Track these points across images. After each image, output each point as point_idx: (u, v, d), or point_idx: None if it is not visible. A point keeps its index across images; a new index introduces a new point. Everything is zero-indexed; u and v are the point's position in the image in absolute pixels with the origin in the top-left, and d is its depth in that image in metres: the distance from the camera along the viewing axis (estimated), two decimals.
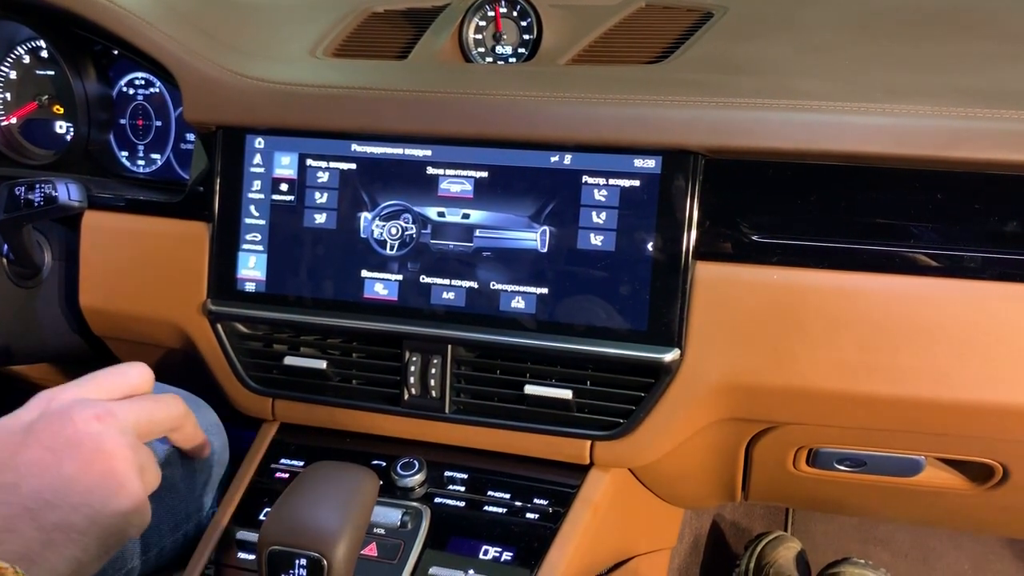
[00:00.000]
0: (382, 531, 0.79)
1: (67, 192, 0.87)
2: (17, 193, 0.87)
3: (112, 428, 0.59)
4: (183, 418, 0.68)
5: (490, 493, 0.84)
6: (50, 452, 0.55)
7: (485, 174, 0.82)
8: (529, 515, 0.82)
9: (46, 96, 1.09)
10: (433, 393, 0.86)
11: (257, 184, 0.89)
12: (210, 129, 0.91)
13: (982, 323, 0.73)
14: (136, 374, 0.67)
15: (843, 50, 0.84)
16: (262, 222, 0.89)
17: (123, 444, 0.58)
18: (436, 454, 0.87)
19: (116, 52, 1.06)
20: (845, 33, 0.87)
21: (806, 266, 0.77)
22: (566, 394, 0.82)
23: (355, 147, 0.86)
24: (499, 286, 0.82)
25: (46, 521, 0.53)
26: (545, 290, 0.81)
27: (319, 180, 0.87)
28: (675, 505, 1.12)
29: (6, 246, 0.94)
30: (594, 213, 0.80)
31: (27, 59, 1.09)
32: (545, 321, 0.81)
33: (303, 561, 0.59)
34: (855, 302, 0.75)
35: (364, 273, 0.86)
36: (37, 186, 0.87)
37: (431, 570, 0.77)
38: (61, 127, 1.10)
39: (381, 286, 0.86)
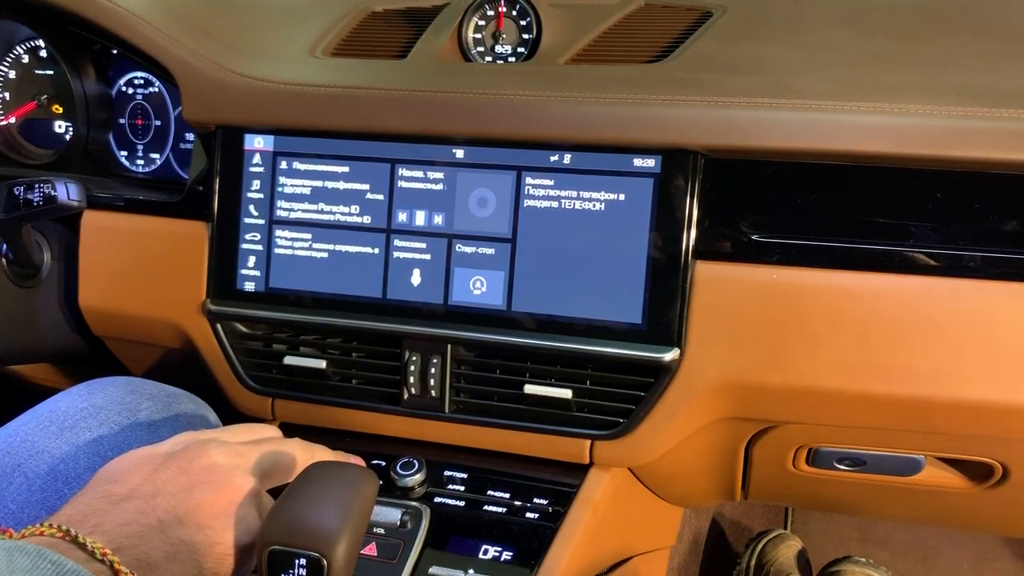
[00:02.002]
0: (382, 531, 0.79)
1: (66, 192, 0.87)
2: (16, 193, 0.87)
3: (242, 465, 0.64)
4: (300, 466, 0.71)
5: (490, 492, 0.84)
6: (185, 475, 0.60)
7: (486, 173, 0.82)
8: (529, 515, 0.82)
9: (45, 96, 1.09)
10: (433, 393, 0.86)
11: (256, 183, 0.89)
12: (209, 128, 0.91)
13: (981, 322, 0.73)
14: (267, 429, 0.72)
15: (842, 49, 0.84)
16: (261, 221, 0.89)
17: (249, 480, 0.63)
18: (436, 454, 0.87)
19: (115, 52, 1.06)
20: (844, 32, 0.87)
21: (806, 265, 0.77)
22: (566, 394, 0.82)
23: (354, 146, 0.86)
24: (498, 285, 0.82)
25: (173, 536, 0.57)
26: (545, 289, 0.81)
27: (318, 179, 0.87)
28: (675, 504, 1.12)
29: (5, 246, 0.94)
30: (594, 212, 0.80)
31: (26, 59, 1.09)
32: (544, 321, 0.81)
33: (303, 561, 0.59)
34: (855, 301, 0.75)
35: (364, 272, 0.86)
36: (36, 186, 0.87)
37: (431, 569, 0.77)
38: (60, 127, 1.10)
39: (381, 285, 0.85)
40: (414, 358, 0.86)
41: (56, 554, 0.51)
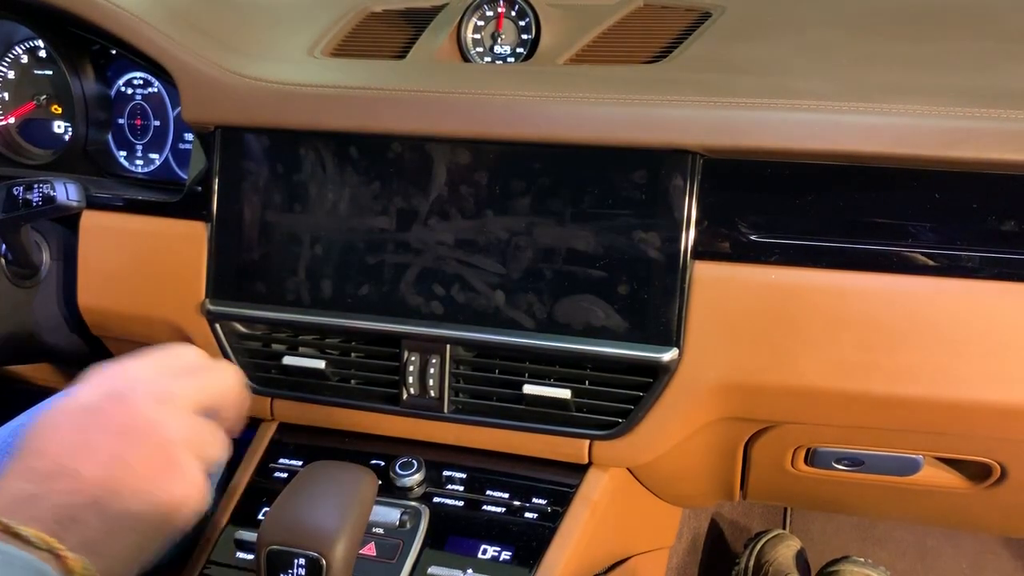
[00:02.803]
0: (381, 530, 0.79)
1: (65, 192, 0.87)
2: (15, 193, 0.87)
3: (172, 411, 0.58)
4: (239, 392, 0.66)
5: (489, 492, 0.84)
6: (111, 436, 0.55)
7: (483, 173, 0.82)
8: (528, 514, 0.82)
9: (44, 96, 1.09)
10: (432, 393, 0.86)
11: (255, 184, 0.89)
12: (208, 129, 0.91)
13: (980, 322, 0.73)
14: (189, 351, 0.65)
15: (841, 49, 0.84)
16: (260, 221, 0.89)
17: (183, 427, 0.58)
18: (435, 453, 0.87)
19: (114, 52, 1.06)
20: (843, 32, 0.87)
21: (804, 265, 0.77)
22: (565, 394, 0.82)
23: (353, 147, 0.86)
24: (497, 285, 0.82)
25: (110, 510, 0.53)
26: (543, 289, 0.81)
27: (317, 180, 0.87)
28: (673, 504, 1.12)
29: (4, 246, 0.94)
30: (592, 212, 0.80)
31: (25, 59, 1.09)
32: (543, 321, 0.82)
33: (302, 561, 0.59)
34: (853, 301, 0.75)
35: (362, 272, 0.86)
36: (35, 186, 0.87)
37: (430, 569, 0.77)
38: (59, 127, 1.10)
39: (380, 285, 0.85)
40: (413, 358, 0.86)
41: (6, 545, 0.47)
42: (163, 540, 0.56)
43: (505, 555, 0.78)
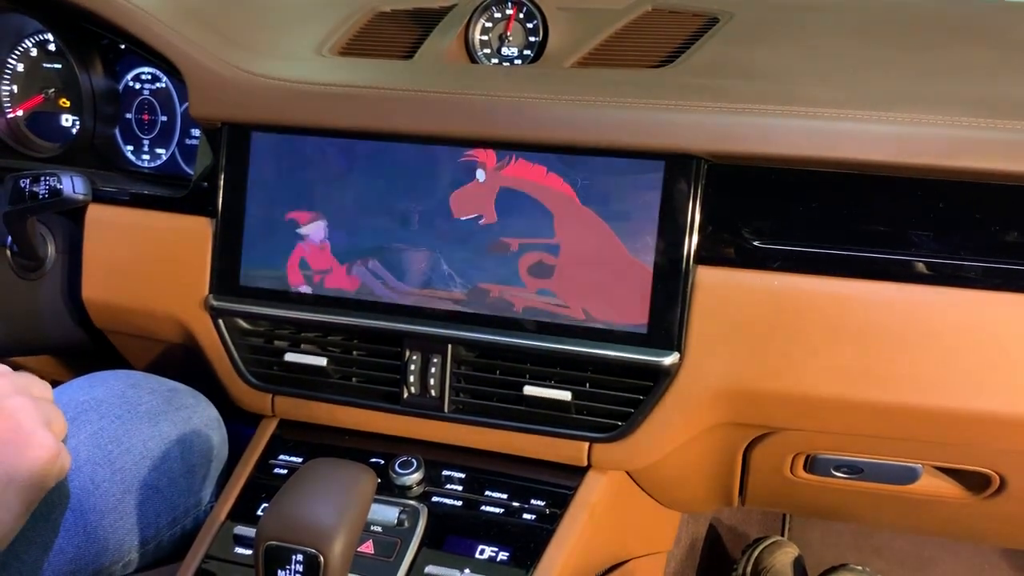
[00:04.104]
0: (379, 529, 0.80)
1: (72, 185, 0.88)
2: (22, 186, 0.88)
3: (7, 388, 0.63)
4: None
5: (487, 493, 0.84)
6: None
7: (487, 175, 0.83)
8: (526, 516, 0.82)
9: (53, 89, 1.10)
10: (432, 392, 0.86)
11: (261, 181, 0.89)
12: (216, 125, 0.91)
13: (980, 332, 0.73)
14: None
15: (847, 57, 0.85)
16: (265, 219, 0.89)
17: (23, 401, 0.63)
18: (434, 453, 0.87)
19: (123, 47, 1.06)
20: (849, 40, 0.87)
21: (806, 272, 0.77)
22: (565, 395, 0.82)
23: (359, 146, 0.86)
24: (500, 287, 0.83)
25: None
26: (546, 291, 0.82)
27: (322, 178, 0.87)
28: (672, 509, 1.12)
29: (10, 238, 0.94)
30: (596, 216, 0.80)
31: (34, 52, 1.10)
32: (545, 322, 0.82)
33: (300, 557, 0.60)
34: (854, 309, 0.75)
35: (365, 271, 0.86)
36: (42, 179, 0.87)
37: (427, 568, 0.77)
38: (67, 120, 1.10)
39: (382, 284, 0.86)
40: (414, 357, 0.86)
41: None
42: (28, 506, 0.62)
43: (503, 556, 0.78)
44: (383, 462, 0.86)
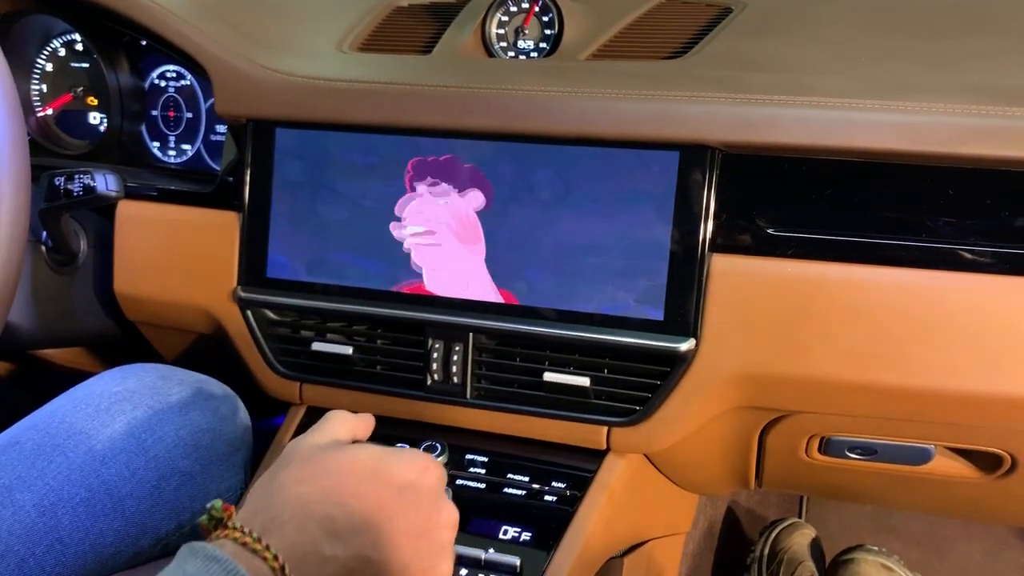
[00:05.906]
0: None
1: (105, 183, 0.90)
2: (57, 183, 0.90)
3: (448, 520, 0.63)
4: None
5: (510, 476, 0.86)
6: (407, 539, 0.59)
7: (507, 166, 0.84)
8: (547, 497, 0.84)
9: (81, 88, 1.12)
10: (455, 379, 0.88)
11: (286, 175, 0.91)
12: (240, 122, 0.93)
13: (992, 316, 0.74)
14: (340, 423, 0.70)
15: (859, 47, 0.85)
16: (290, 212, 0.91)
17: (451, 513, 0.63)
18: (457, 438, 0.90)
19: (148, 45, 1.08)
20: (861, 29, 0.88)
21: (820, 259, 0.78)
22: (584, 381, 0.84)
23: (381, 140, 0.88)
24: (520, 276, 0.84)
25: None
26: (564, 280, 0.83)
27: (345, 173, 0.89)
28: (690, 491, 1.14)
29: (45, 233, 0.97)
30: (613, 206, 0.81)
31: (62, 52, 1.12)
32: (564, 311, 0.83)
33: None
34: (867, 294, 0.77)
35: (389, 262, 0.88)
36: (76, 176, 0.90)
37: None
38: (95, 118, 1.13)
39: (406, 275, 0.88)
40: (437, 345, 0.88)
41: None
42: None
43: (525, 536, 0.81)
44: (408, 447, 0.89)
